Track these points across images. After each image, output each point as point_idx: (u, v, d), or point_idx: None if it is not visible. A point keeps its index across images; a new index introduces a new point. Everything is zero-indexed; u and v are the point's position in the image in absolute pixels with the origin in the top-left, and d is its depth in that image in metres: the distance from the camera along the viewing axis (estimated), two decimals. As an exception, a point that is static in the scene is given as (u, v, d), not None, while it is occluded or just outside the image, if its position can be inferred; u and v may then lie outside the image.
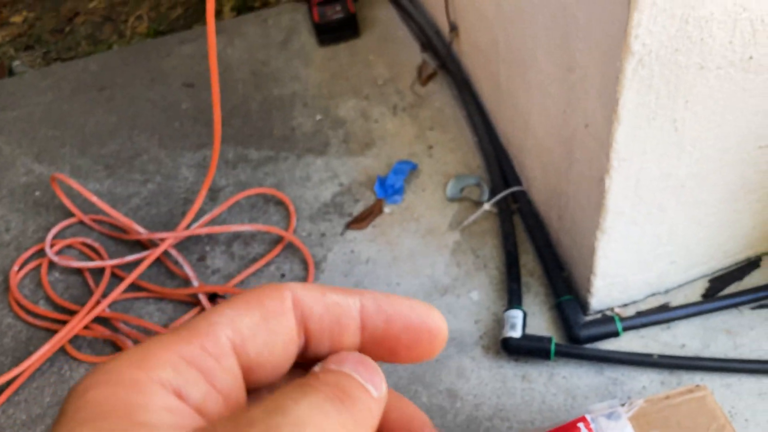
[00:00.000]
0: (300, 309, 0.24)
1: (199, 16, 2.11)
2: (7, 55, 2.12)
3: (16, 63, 2.05)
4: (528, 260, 1.22)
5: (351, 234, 1.35)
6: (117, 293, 1.28)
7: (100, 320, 1.27)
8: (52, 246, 1.40)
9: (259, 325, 0.23)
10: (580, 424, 0.76)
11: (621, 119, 0.81)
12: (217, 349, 0.22)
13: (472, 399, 1.04)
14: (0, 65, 2.04)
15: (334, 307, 0.25)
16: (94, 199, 1.36)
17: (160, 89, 1.79)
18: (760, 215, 1.05)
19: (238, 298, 0.24)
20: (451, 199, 1.37)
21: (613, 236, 0.98)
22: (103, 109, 1.77)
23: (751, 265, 1.13)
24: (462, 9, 1.42)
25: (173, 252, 1.34)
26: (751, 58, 0.79)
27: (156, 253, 1.31)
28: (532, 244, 1.23)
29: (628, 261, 1.03)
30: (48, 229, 1.46)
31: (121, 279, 1.32)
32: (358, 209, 1.40)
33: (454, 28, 1.52)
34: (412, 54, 1.74)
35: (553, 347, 1.02)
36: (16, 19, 2.32)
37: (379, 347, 0.25)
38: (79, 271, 1.37)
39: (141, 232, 1.35)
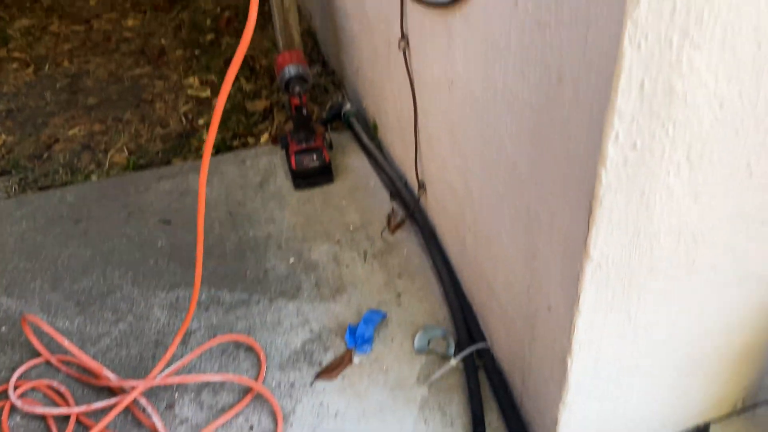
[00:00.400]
0: None
1: (178, 152, 2.20)
2: (-18, 179, 2.15)
3: (-9, 189, 2.08)
4: (493, 419, 1.26)
5: (320, 384, 1.38)
6: (81, 444, 1.26)
7: (60, 473, 1.24)
8: (16, 388, 1.38)
9: None
10: None
11: (581, 311, 0.90)
12: None
13: None
14: (-25, 191, 2.07)
15: None
16: (66, 343, 1.36)
17: (137, 225, 1.84)
18: (708, 388, 1.13)
19: None
20: (419, 352, 1.42)
21: (574, 409, 1.04)
22: (78, 242, 1.80)
23: (700, 431, 1.19)
24: (430, 173, 1.53)
25: (142, 400, 1.33)
26: (694, 261, 0.90)
27: (125, 401, 1.30)
28: (497, 404, 1.28)
29: (587, 429, 1.09)
30: (12, 369, 1.45)
31: (86, 427, 1.31)
32: (327, 358, 1.43)
33: (422, 186, 1.63)
34: (382, 202, 1.84)
35: None
36: (-5, 142, 2.37)
37: None
38: (42, 417, 1.35)
39: (111, 378, 1.35)
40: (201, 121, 2.35)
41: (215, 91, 2.53)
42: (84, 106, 2.55)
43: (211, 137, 1.07)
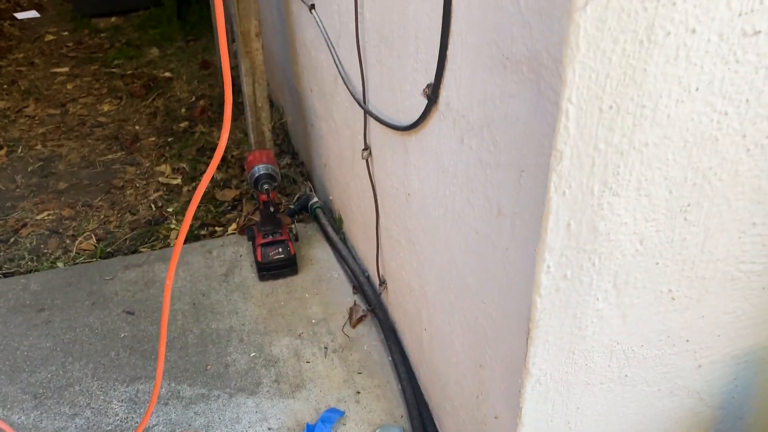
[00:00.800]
0: None
1: (146, 239, 2.24)
2: (-55, 263, 2.15)
3: (-46, 274, 2.08)
4: None
5: (277, 484, 1.39)
6: None
7: None
8: (-36, 487, 1.36)
9: None
10: None
11: (524, 423, 0.95)
12: None
13: None
14: (-63, 276, 2.07)
15: None
16: (21, 440, 1.36)
17: (100, 314, 1.85)
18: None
19: None
20: (376, 451, 1.44)
21: None
22: (40, 332, 1.80)
23: None
24: (390, 271, 1.60)
25: (95, 501, 1.32)
26: (626, 375, 0.97)
27: (77, 503, 1.29)
28: (450, 506, 1.30)
29: None
30: (-38, 466, 1.42)
31: None
32: (285, 457, 1.44)
33: (383, 282, 1.70)
34: (345, 295, 1.90)
35: None
36: (-39, 225, 2.38)
37: None
38: None
39: (64, 478, 1.34)
40: (171, 209, 2.41)
41: (186, 179, 2.60)
42: (54, 191, 2.59)
43: (180, 240, 1.13)
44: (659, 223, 0.82)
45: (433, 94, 1.00)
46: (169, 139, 2.94)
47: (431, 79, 1.00)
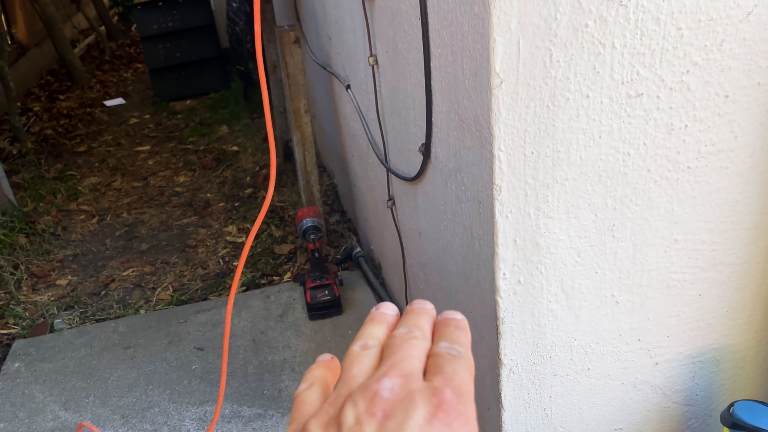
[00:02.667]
0: None
1: (215, 289, 2.58)
2: (50, 313, 2.55)
3: (57, 321, 2.46)
4: None
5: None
6: None
7: None
8: (68, 486, 1.67)
9: None
10: None
11: (505, 408, 1.18)
12: None
13: None
14: (44, 323, 2.46)
15: None
16: (113, 445, 1.66)
17: (176, 350, 2.18)
18: (633, 483, 1.36)
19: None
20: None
21: (514, 495, 1.28)
22: (126, 365, 2.14)
23: None
24: (418, 304, 1.86)
25: (171, 495, 1.60)
26: (589, 369, 1.19)
27: (157, 495, 1.58)
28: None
29: None
30: (66, 471, 1.74)
31: None
32: (328, 463, 1.69)
33: (413, 316, 1.95)
34: (383, 331, 2.16)
35: None
36: (62, 281, 2.80)
37: None
38: None
39: (146, 476, 1.63)
40: (236, 263, 2.75)
41: (249, 238, 2.96)
42: (138, 251, 3.00)
43: (237, 273, 1.44)
44: (591, 239, 1.07)
45: (426, 150, 1.29)
46: (236, 204, 3.33)
47: (424, 139, 1.30)
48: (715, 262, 1.15)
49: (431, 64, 1.16)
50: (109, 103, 5.37)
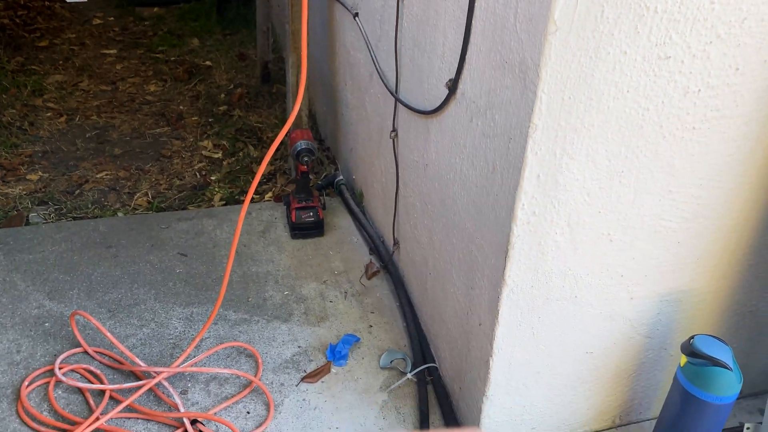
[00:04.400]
0: None
1: (193, 200, 2.62)
2: (23, 206, 2.53)
3: (32, 215, 2.46)
4: (435, 419, 1.66)
5: (304, 386, 1.76)
6: (115, 412, 1.61)
7: (97, 432, 1.59)
8: (60, 368, 1.74)
9: None
10: None
11: (500, 323, 1.33)
12: None
13: None
14: (19, 215, 2.45)
15: None
16: (108, 334, 1.74)
17: (159, 254, 2.24)
18: (591, 401, 1.55)
19: None
20: (383, 368, 1.82)
21: (494, 402, 1.45)
22: (109, 263, 2.18)
23: (587, 437, 1.61)
24: (404, 232, 1.99)
25: (165, 383, 1.70)
26: (576, 296, 1.35)
27: (152, 382, 1.67)
28: (439, 408, 1.68)
29: (503, 421, 1.50)
30: (55, 355, 1.80)
31: (116, 401, 1.66)
32: (311, 367, 1.82)
33: (396, 243, 2.08)
34: (362, 255, 2.28)
35: (448, 479, 1.44)
36: (32, 177, 2.76)
37: None
38: (80, 391, 1.70)
39: (141, 364, 1.72)
40: (213, 177, 2.79)
41: (226, 154, 2.99)
42: (110, 155, 2.98)
43: (251, 190, 1.52)
44: (601, 182, 1.21)
45: (453, 86, 1.39)
46: (210, 120, 3.33)
47: (452, 75, 1.39)
48: (698, 214, 1.32)
49: (475, 4, 1.25)
50: (69, -1, 5.12)
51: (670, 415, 1.42)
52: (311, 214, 2.30)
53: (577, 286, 1.34)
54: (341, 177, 2.59)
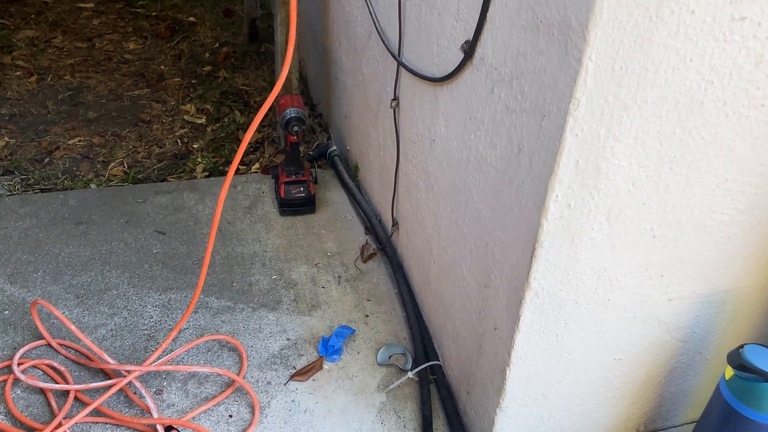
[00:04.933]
0: None
1: (173, 171, 2.40)
2: (-14, 176, 2.31)
3: (-5, 185, 2.24)
4: (440, 424, 1.49)
5: (293, 384, 1.58)
6: (80, 417, 1.43)
7: (60, 440, 1.40)
8: (19, 364, 1.55)
9: None
10: None
11: (521, 330, 1.15)
12: None
13: None
14: (-20, 186, 2.23)
15: None
16: (73, 328, 1.54)
17: (134, 232, 2.03)
18: (615, 409, 1.38)
19: None
20: (381, 364, 1.64)
21: (508, 413, 1.28)
22: (78, 242, 1.98)
23: (609, 447, 1.45)
24: (404, 212, 1.79)
25: (137, 383, 1.52)
26: (609, 300, 1.16)
27: (122, 382, 1.49)
28: (444, 412, 1.51)
29: (518, 434, 1.33)
30: (14, 348, 1.61)
31: (82, 403, 1.48)
32: (301, 363, 1.64)
33: (396, 223, 1.88)
34: (357, 234, 2.08)
35: (455, 500, 1.27)
36: (-3, 143, 2.53)
37: None
38: (41, 391, 1.51)
39: (110, 361, 1.53)
40: (196, 145, 2.57)
41: (210, 120, 2.75)
42: (84, 119, 2.74)
43: (236, 160, 1.31)
44: (649, 169, 1.01)
45: (470, 49, 1.17)
46: (193, 81, 3.08)
47: (469, 36, 1.17)
48: (753, 206, 1.12)
49: (502, -49, 1.02)
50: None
51: (711, 424, 1.26)
52: (302, 189, 2.09)
53: (611, 288, 1.15)
54: (334, 147, 2.38)
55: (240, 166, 2.43)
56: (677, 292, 1.21)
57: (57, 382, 1.53)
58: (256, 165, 2.42)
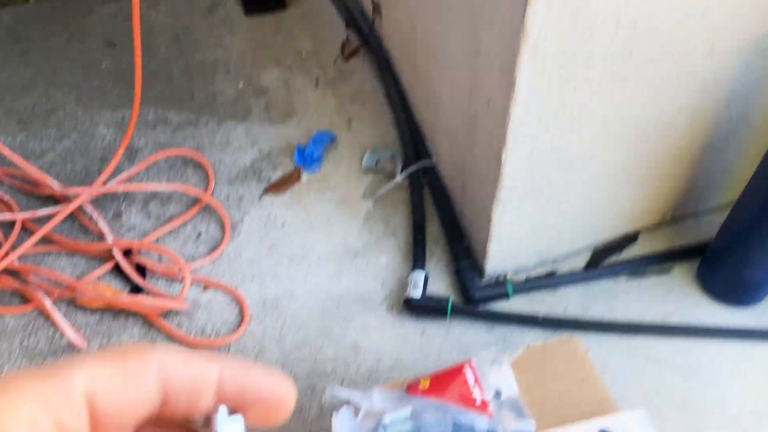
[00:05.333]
0: (163, 374, 0.26)
1: (123, -24, 2.07)
2: None
3: None
4: (433, 229, 1.31)
5: (268, 199, 1.40)
6: (27, 246, 1.27)
7: (8, 272, 1.26)
8: (-42, 197, 1.37)
9: (116, 382, 0.25)
10: (466, 367, 0.85)
11: (517, 99, 0.90)
12: (69, 394, 0.24)
13: (374, 353, 1.12)
14: None
15: (195, 375, 0.27)
16: (6, 151, 1.34)
17: (80, 47, 1.76)
18: (638, 194, 1.18)
19: (105, 352, 0.26)
20: (367, 171, 1.44)
21: (507, 207, 1.07)
22: (18, 62, 1.72)
23: (629, 238, 1.26)
24: (385, -10, 1.48)
25: (88, 208, 1.34)
26: (631, 53, 0.90)
27: (70, 208, 1.31)
28: (438, 215, 1.32)
29: (521, 230, 1.13)
30: (-47, 181, 1.43)
31: (30, 232, 1.32)
32: (276, 176, 1.44)
33: (377, 9, 1.58)
34: (337, 30, 1.79)
35: (449, 306, 1.11)
36: None
37: (233, 410, 0.28)
38: (-14, 224, 1.35)
39: (55, 187, 1.35)
40: (147, -54, 2.20)
41: None
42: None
43: None
44: None
45: None
46: None
47: None
48: None
49: None
50: None
51: (754, 205, 1.05)
52: (266, -20, 1.77)
53: (635, 37, 0.88)
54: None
55: (198, -35, 2.08)
56: (721, 39, 0.94)
57: (1, 212, 1.36)
58: (216, -39, 2.06)
